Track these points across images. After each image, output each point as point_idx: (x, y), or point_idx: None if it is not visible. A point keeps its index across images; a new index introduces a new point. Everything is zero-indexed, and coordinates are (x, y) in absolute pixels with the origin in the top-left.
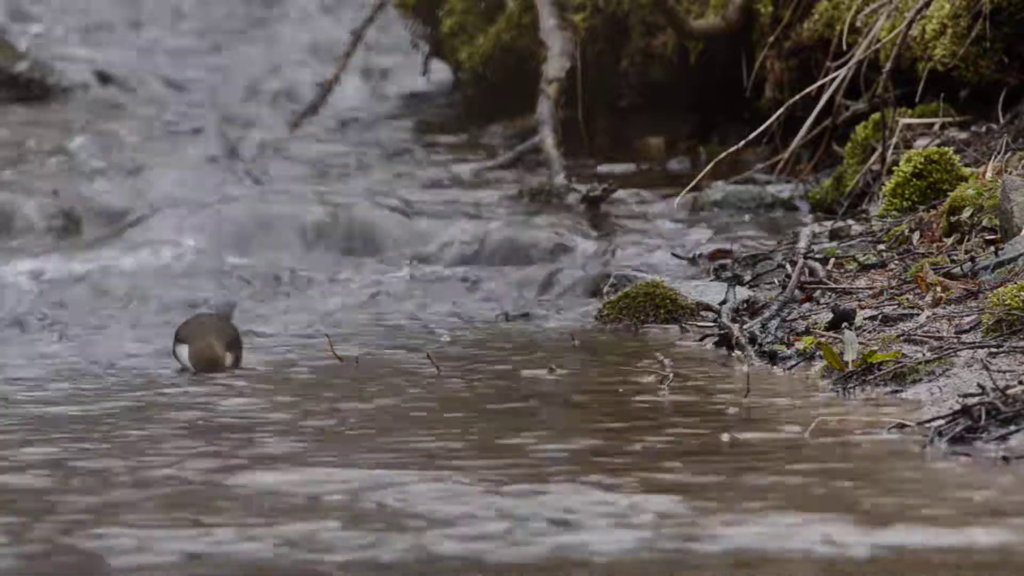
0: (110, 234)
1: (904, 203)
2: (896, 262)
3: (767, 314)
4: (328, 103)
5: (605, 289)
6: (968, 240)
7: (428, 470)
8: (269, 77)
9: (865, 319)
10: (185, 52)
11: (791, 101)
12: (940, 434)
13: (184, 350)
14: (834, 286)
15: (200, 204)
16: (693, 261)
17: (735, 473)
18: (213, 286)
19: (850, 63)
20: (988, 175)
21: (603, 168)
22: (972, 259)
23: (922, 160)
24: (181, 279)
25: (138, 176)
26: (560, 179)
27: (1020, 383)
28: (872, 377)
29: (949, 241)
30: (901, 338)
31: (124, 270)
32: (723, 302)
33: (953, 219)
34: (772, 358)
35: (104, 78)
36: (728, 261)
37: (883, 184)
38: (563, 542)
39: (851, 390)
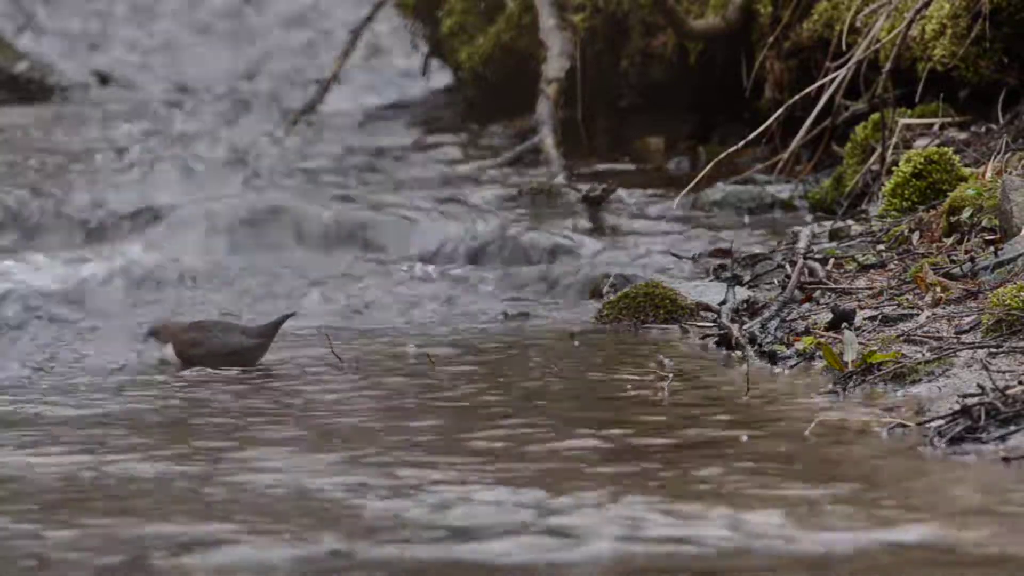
0: (110, 234)
1: (904, 203)
2: (896, 262)
3: (767, 314)
4: (327, 102)
5: (605, 289)
6: (968, 240)
7: (425, 469)
8: (268, 75)
9: (865, 319)
10: (184, 52)
11: (791, 101)
12: (940, 434)
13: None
14: (834, 286)
15: (198, 204)
16: (693, 261)
17: (734, 473)
18: (212, 286)
19: (850, 63)
20: (988, 175)
21: (603, 168)
22: (972, 259)
23: (922, 160)
24: (180, 279)
25: (138, 176)
26: (560, 179)
27: (1020, 383)
28: (872, 377)
29: (949, 241)
30: (901, 338)
31: (125, 270)
32: (723, 302)
33: (953, 219)
34: (772, 358)
35: (104, 78)
36: (728, 261)
37: (883, 184)
38: (561, 547)
39: (851, 390)
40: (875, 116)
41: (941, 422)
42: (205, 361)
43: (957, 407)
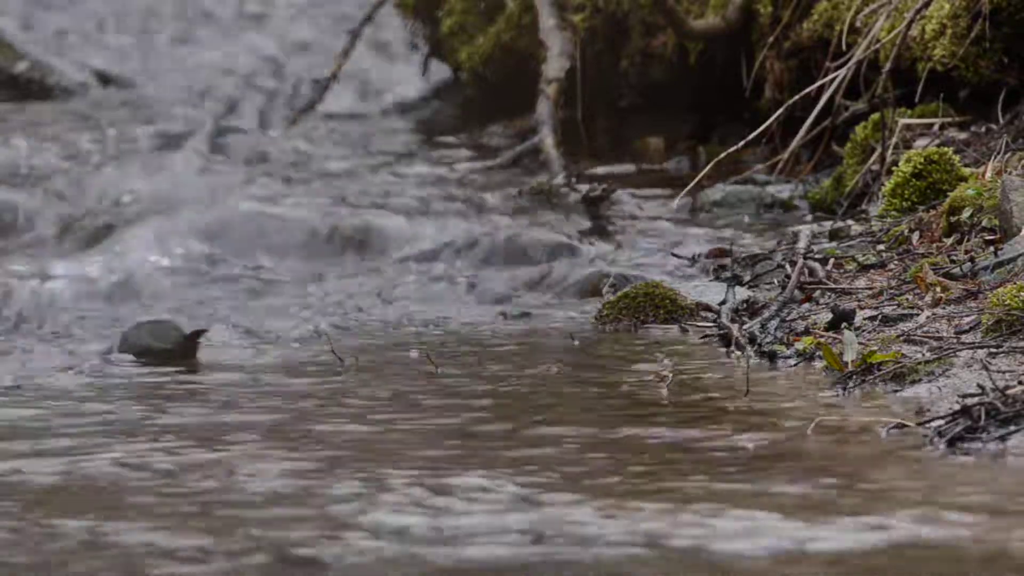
0: (108, 236)
1: (904, 203)
2: (896, 262)
3: (767, 314)
4: (325, 102)
5: (605, 289)
6: (968, 240)
7: (425, 470)
8: (266, 76)
9: (865, 319)
10: (182, 52)
11: (791, 101)
12: (940, 434)
13: None
14: (834, 286)
15: (198, 205)
16: (693, 261)
17: (733, 472)
18: (206, 287)
19: (850, 63)
20: (988, 175)
21: (603, 168)
22: (972, 259)
23: (922, 160)
24: (178, 281)
25: (137, 177)
26: (560, 179)
27: (1020, 383)
28: (872, 377)
29: (949, 241)
30: (901, 338)
31: (122, 272)
32: (723, 302)
33: (953, 219)
34: (772, 358)
35: (104, 78)
36: (727, 261)
37: (883, 184)
38: (558, 551)
39: (850, 390)
40: (875, 116)
41: (941, 422)
42: None
43: (957, 407)
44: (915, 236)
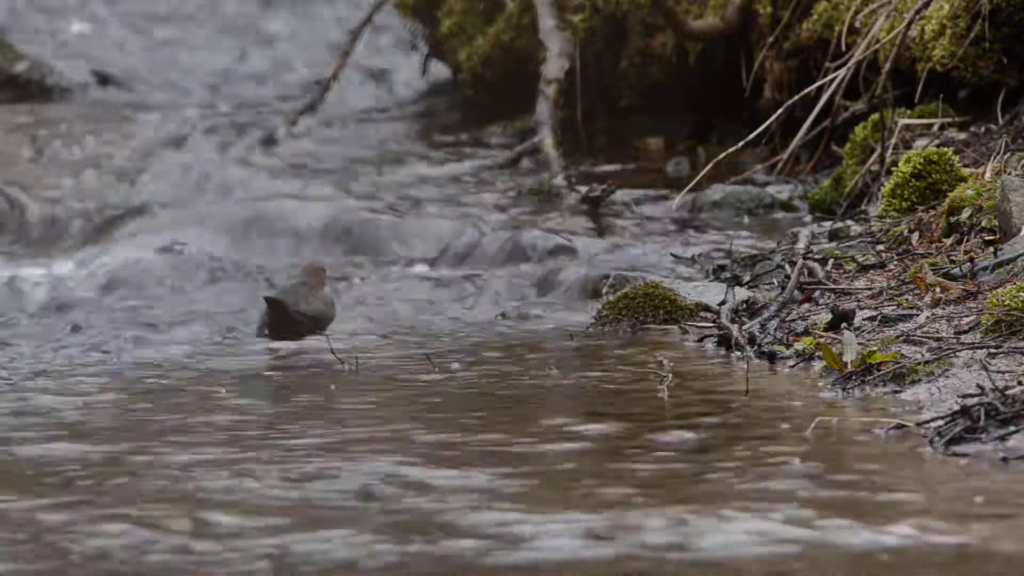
0: (107, 235)
1: (903, 204)
2: (895, 263)
3: (766, 314)
4: (327, 102)
5: (604, 289)
6: (967, 241)
7: (424, 470)
8: (267, 76)
9: (864, 320)
10: (182, 52)
11: (790, 102)
12: (939, 434)
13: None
14: (833, 287)
15: (197, 205)
16: (692, 261)
17: (732, 473)
18: (207, 285)
19: (849, 64)
20: (987, 175)
21: (602, 168)
22: (971, 260)
23: (921, 161)
24: (177, 280)
25: (136, 177)
26: (559, 179)
27: (1019, 383)
28: (871, 378)
29: (948, 242)
30: (900, 339)
31: (123, 271)
32: (722, 303)
33: (952, 220)
34: (771, 358)
35: (103, 79)
36: (727, 261)
37: (882, 185)
38: (559, 549)
39: (850, 391)
40: (875, 116)
41: (940, 422)
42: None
43: (957, 407)
44: (915, 236)
